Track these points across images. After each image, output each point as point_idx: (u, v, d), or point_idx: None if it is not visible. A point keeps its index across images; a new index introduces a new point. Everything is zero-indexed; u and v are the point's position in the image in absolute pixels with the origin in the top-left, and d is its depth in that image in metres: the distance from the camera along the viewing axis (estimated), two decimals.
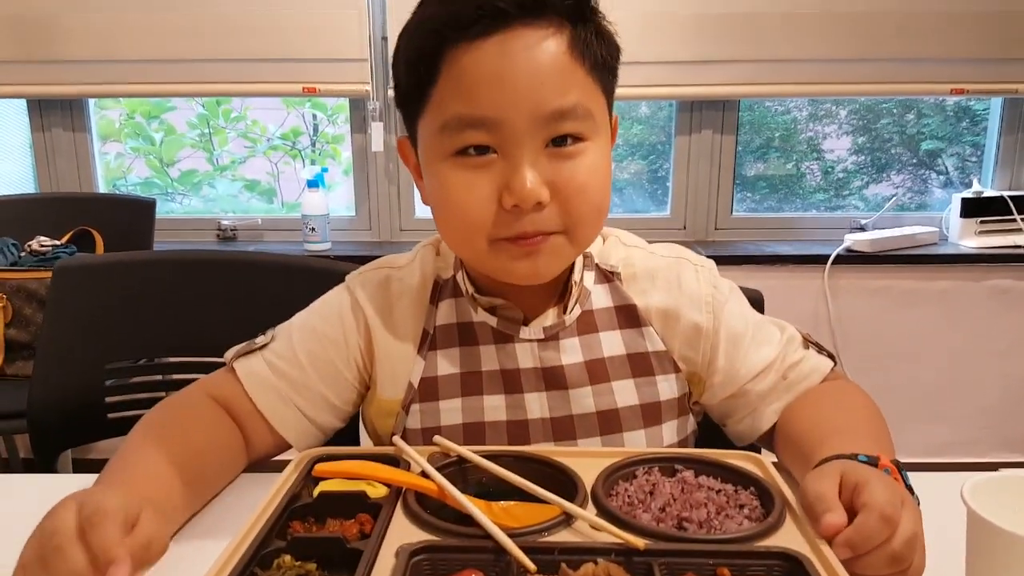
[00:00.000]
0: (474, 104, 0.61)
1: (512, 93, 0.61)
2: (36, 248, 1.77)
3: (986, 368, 2.10)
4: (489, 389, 0.72)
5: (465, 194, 0.63)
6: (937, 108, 2.25)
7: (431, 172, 0.66)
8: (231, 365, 0.76)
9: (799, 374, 0.75)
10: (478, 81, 0.61)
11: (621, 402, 0.73)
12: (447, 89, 0.62)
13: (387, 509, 0.54)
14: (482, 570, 0.47)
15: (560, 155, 0.63)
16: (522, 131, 0.61)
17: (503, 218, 0.63)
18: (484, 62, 0.61)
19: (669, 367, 0.75)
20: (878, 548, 0.48)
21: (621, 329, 0.74)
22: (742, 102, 2.12)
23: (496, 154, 0.63)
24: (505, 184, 0.62)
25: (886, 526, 0.48)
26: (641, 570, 0.47)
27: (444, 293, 0.75)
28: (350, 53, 1.93)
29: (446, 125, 0.63)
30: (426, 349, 0.73)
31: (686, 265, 0.77)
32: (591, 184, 0.65)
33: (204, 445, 0.69)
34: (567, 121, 0.62)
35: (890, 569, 0.49)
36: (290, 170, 2.32)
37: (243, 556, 0.48)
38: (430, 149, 0.66)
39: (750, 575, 0.47)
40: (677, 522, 0.54)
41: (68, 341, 1.10)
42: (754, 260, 2.00)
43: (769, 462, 0.62)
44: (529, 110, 0.61)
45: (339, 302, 0.77)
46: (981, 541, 0.45)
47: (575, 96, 0.62)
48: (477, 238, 0.65)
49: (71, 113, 2.10)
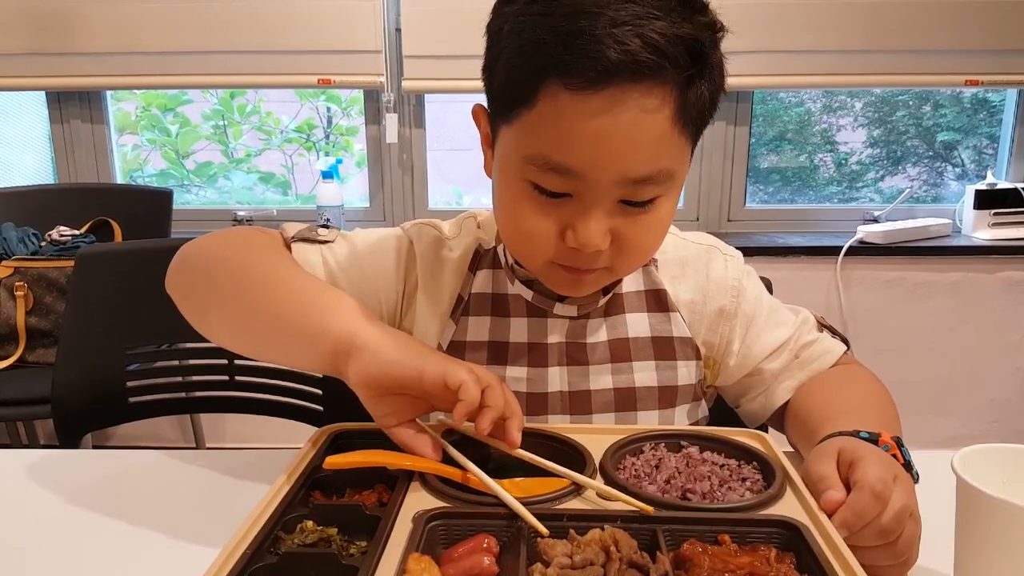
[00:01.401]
0: (564, 155, 0.59)
1: (605, 156, 0.59)
2: (56, 238, 1.80)
3: (998, 361, 2.09)
4: (514, 360, 0.74)
5: (533, 223, 0.63)
6: (954, 100, 2.24)
7: (504, 179, 0.66)
8: (288, 241, 0.76)
9: (812, 354, 0.77)
10: (574, 136, 0.58)
11: (640, 382, 0.75)
12: (541, 124, 0.60)
13: (404, 479, 0.56)
14: (495, 535, 0.49)
15: (630, 212, 0.63)
16: (603, 188, 0.60)
17: (563, 250, 0.64)
18: (586, 119, 0.57)
19: (691, 353, 0.77)
20: (870, 523, 0.50)
21: (649, 312, 0.76)
22: (755, 94, 2.12)
23: (570, 196, 0.62)
24: (571, 225, 0.62)
25: (877, 502, 0.50)
26: (646, 536, 0.49)
27: (483, 263, 0.77)
28: (365, 44, 1.95)
29: (531, 159, 0.61)
30: (459, 314, 0.76)
31: (716, 254, 0.79)
32: (648, 241, 0.66)
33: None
34: (648, 186, 0.61)
35: (879, 541, 0.50)
36: (304, 162, 2.34)
37: (268, 520, 0.50)
38: (508, 162, 0.64)
39: (750, 542, 0.49)
40: (681, 493, 0.55)
41: (90, 327, 1.13)
42: (767, 251, 2.00)
43: (772, 439, 0.63)
44: (617, 173, 0.60)
45: (398, 243, 0.78)
46: (971, 509, 0.46)
47: (664, 162, 0.61)
48: (536, 258, 0.67)
49: (89, 105, 2.14)
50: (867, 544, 0.50)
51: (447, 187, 2.23)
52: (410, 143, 2.10)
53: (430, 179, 2.16)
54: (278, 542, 0.50)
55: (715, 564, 0.46)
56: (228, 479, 0.72)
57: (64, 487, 0.71)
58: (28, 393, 1.56)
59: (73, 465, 0.77)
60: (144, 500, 0.69)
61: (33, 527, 0.64)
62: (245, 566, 0.46)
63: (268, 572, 0.47)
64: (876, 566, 0.51)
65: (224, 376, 1.16)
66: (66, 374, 1.11)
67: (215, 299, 0.68)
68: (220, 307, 0.68)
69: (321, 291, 0.65)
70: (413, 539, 0.48)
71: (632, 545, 0.47)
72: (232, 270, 0.68)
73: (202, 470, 0.74)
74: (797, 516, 0.51)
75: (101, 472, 0.75)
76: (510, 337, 0.75)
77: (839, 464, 0.54)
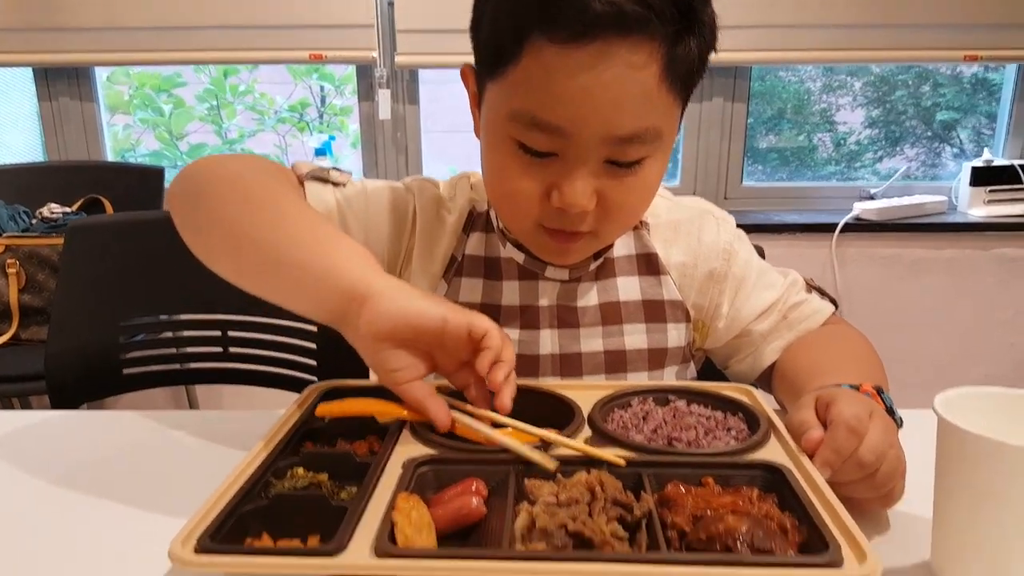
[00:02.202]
0: (549, 111, 0.58)
1: (591, 112, 0.58)
2: (47, 215, 1.79)
3: (992, 336, 2.10)
4: (506, 322, 0.75)
5: (518, 183, 0.63)
6: (953, 79, 2.23)
7: (490, 138, 0.65)
8: (301, 178, 0.73)
9: (800, 315, 0.77)
10: (559, 91, 0.57)
11: (630, 345, 0.75)
12: (526, 79, 0.59)
13: (394, 430, 0.57)
14: (483, 479, 0.50)
15: (616, 172, 0.62)
16: (588, 146, 0.59)
17: (548, 211, 0.63)
18: (571, 74, 0.56)
19: (681, 316, 0.77)
20: (848, 458, 0.50)
21: (640, 276, 0.76)
22: (754, 71, 2.11)
23: (556, 156, 0.61)
24: (557, 185, 0.61)
25: (853, 437, 0.51)
26: (631, 479, 0.49)
27: (476, 225, 0.77)
28: (357, 19, 1.93)
29: (516, 116, 0.60)
30: (451, 275, 0.76)
31: (708, 218, 0.80)
32: (634, 203, 0.66)
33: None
34: (634, 145, 0.60)
35: (859, 475, 0.51)
36: (298, 143, 2.34)
37: (259, 467, 0.51)
38: (494, 120, 0.63)
39: (734, 483, 0.49)
40: (667, 441, 0.56)
41: (82, 299, 1.13)
42: (763, 229, 2.00)
43: (758, 393, 0.64)
44: (602, 131, 0.59)
45: (404, 197, 0.77)
46: (951, 447, 0.46)
47: (651, 120, 0.60)
48: (521, 220, 0.66)
49: (77, 82, 2.12)
50: (847, 478, 0.51)
51: (442, 167, 2.23)
52: (404, 120, 2.09)
53: (425, 159, 2.15)
54: (269, 487, 0.50)
55: (698, 503, 0.46)
56: (222, 437, 0.72)
57: (57, 447, 0.72)
58: (23, 369, 1.56)
59: (66, 425, 0.77)
60: (138, 456, 0.70)
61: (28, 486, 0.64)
62: (235, 508, 0.46)
63: (258, 514, 0.47)
64: (859, 499, 0.52)
65: (218, 347, 1.17)
66: (59, 347, 1.11)
67: (220, 220, 0.63)
68: (224, 230, 0.63)
69: (334, 234, 0.62)
70: (402, 483, 0.49)
71: (617, 486, 0.47)
72: (243, 192, 0.64)
73: (196, 429, 0.74)
74: (780, 460, 0.51)
75: (94, 431, 0.75)
76: (502, 300, 0.75)
77: (817, 410, 0.55)
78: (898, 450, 0.53)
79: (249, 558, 0.42)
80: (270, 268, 0.60)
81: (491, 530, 0.46)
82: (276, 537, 0.46)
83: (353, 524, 0.44)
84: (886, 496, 0.53)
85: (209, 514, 0.45)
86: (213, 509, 0.46)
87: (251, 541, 0.46)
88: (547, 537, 0.43)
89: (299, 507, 0.47)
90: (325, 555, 0.42)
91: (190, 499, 0.47)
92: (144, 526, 0.57)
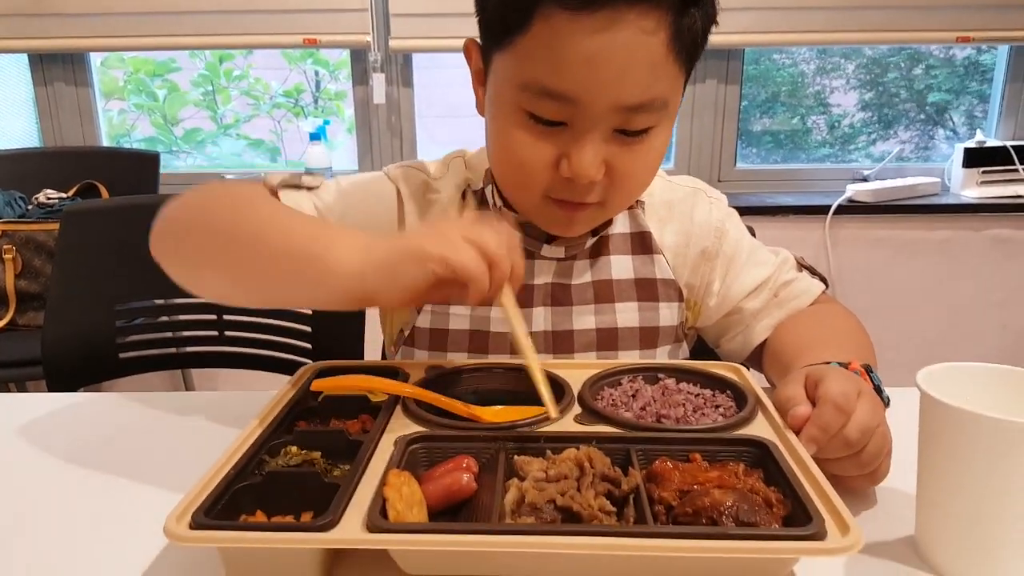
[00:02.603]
0: (559, 79, 0.59)
1: (600, 80, 0.58)
2: (43, 201, 1.79)
3: (985, 317, 2.11)
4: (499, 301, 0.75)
5: (528, 153, 0.63)
6: (946, 62, 2.23)
7: (498, 109, 0.65)
8: (274, 189, 0.72)
9: (790, 293, 0.78)
10: (569, 58, 0.58)
11: (622, 323, 0.76)
12: (535, 47, 0.59)
13: (387, 409, 0.57)
14: (474, 456, 0.51)
15: (624, 141, 0.63)
16: (597, 115, 0.60)
17: (557, 181, 0.64)
18: (580, 40, 0.57)
19: (674, 295, 0.78)
20: (835, 436, 0.51)
21: (633, 255, 0.77)
22: (749, 54, 2.11)
23: (565, 125, 0.62)
24: (566, 154, 0.62)
25: (840, 414, 0.51)
26: (620, 456, 0.50)
27: (470, 203, 0.77)
28: (350, 3, 1.92)
29: (526, 86, 0.61)
30: None
31: (701, 196, 0.81)
32: (642, 173, 0.67)
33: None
34: (642, 114, 0.61)
35: (845, 452, 0.52)
36: (293, 128, 2.33)
37: (253, 444, 0.51)
38: (502, 92, 0.64)
39: (720, 459, 0.50)
40: (656, 419, 0.57)
41: (78, 284, 1.13)
42: (756, 211, 2.01)
43: (747, 372, 0.64)
44: (612, 99, 0.59)
45: (382, 188, 0.77)
46: (934, 422, 0.47)
47: (659, 90, 0.61)
48: (530, 192, 0.67)
49: (72, 68, 2.11)
50: (833, 455, 0.52)
51: (437, 151, 2.21)
52: (398, 105, 2.09)
53: (420, 143, 2.15)
54: (263, 464, 0.51)
55: (685, 478, 0.47)
56: (217, 418, 0.73)
57: (56, 429, 0.72)
58: (19, 355, 1.57)
59: (64, 408, 0.78)
60: (134, 437, 0.70)
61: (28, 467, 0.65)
62: (229, 484, 0.47)
63: (252, 491, 0.48)
64: (845, 476, 0.53)
65: (214, 331, 1.17)
66: (56, 332, 1.11)
67: (208, 254, 0.63)
68: (215, 261, 0.62)
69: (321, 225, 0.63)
70: (394, 460, 0.50)
71: (605, 462, 0.48)
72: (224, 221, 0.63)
73: (191, 410, 0.75)
74: (767, 435, 0.52)
75: (91, 413, 0.76)
76: None
77: (806, 386, 0.56)
78: (885, 429, 0.54)
79: (243, 534, 0.43)
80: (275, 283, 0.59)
81: (481, 506, 0.47)
82: (270, 514, 0.47)
83: (345, 500, 0.45)
84: (872, 474, 0.54)
85: (204, 491, 0.46)
86: (208, 486, 0.47)
87: (245, 518, 0.47)
88: (536, 512, 0.44)
89: (293, 484, 0.48)
90: (318, 530, 0.43)
91: (185, 478, 0.48)
92: (141, 504, 0.58)
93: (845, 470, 0.53)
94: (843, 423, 0.51)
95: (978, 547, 0.46)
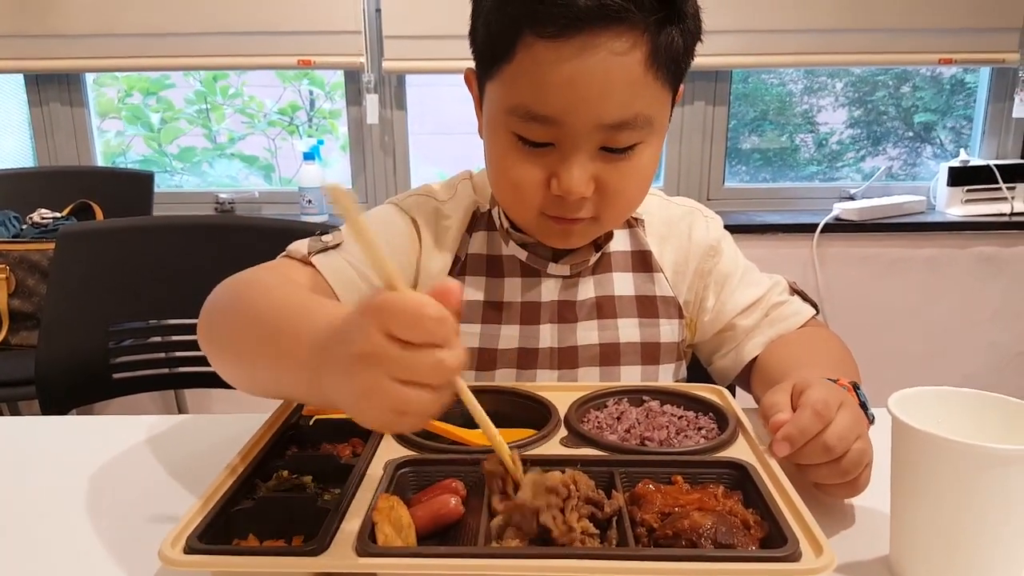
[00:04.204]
0: (542, 103, 0.63)
1: (580, 101, 0.62)
2: (38, 220, 1.80)
3: (971, 334, 2.14)
4: (507, 319, 0.78)
5: (520, 173, 0.67)
6: (932, 81, 2.27)
7: (492, 133, 0.69)
8: (307, 259, 0.73)
9: (781, 314, 0.81)
10: (550, 81, 0.61)
11: (623, 338, 0.79)
12: (520, 74, 0.63)
13: (376, 433, 0.59)
14: (462, 480, 0.52)
15: (610, 158, 0.66)
16: (582, 134, 0.64)
17: (549, 199, 0.67)
18: (560, 65, 0.61)
19: (674, 312, 0.81)
20: (813, 440, 0.53)
21: (634, 272, 0.80)
22: (736, 74, 2.15)
23: (553, 146, 0.65)
24: (555, 173, 0.66)
25: (818, 420, 0.53)
26: (604, 478, 0.51)
27: (479, 224, 0.80)
28: (345, 25, 1.95)
29: (513, 110, 0.64)
30: (456, 273, 0.79)
31: (698, 216, 0.84)
32: (631, 188, 0.69)
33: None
34: (625, 131, 0.64)
35: (823, 458, 0.53)
36: (287, 146, 2.35)
37: (245, 469, 0.53)
38: (494, 117, 0.68)
39: (701, 481, 0.52)
40: (640, 441, 0.58)
41: (72, 305, 1.14)
42: (744, 229, 2.03)
43: (728, 394, 0.66)
44: (593, 118, 0.63)
45: (399, 221, 0.79)
46: (905, 445, 0.49)
47: (639, 107, 0.63)
48: (526, 209, 0.70)
49: (68, 88, 2.13)
50: (812, 461, 0.53)
51: (430, 169, 2.24)
52: (391, 125, 2.11)
53: (413, 162, 2.17)
54: (255, 489, 0.52)
55: (666, 500, 0.49)
56: (210, 441, 0.74)
57: (49, 451, 0.73)
58: (12, 375, 1.57)
59: (58, 430, 0.79)
60: (129, 460, 0.71)
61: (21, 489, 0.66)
62: (222, 510, 0.48)
63: (245, 515, 0.49)
64: (826, 485, 0.55)
65: None
66: (49, 352, 1.12)
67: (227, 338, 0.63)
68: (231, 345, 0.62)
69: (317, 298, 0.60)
70: (383, 484, 0.51)
71: (590, 485, 0.50)
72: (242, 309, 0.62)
73: (185, 433, 0.76)
74: (746, 458, 0.54)
75: (84, 436, 0.77)
76: (504, 296, 0.78)
77: (792, 395, 0.57)
78: (865, 442, 0.55)
79: (236, 558, 0.44)
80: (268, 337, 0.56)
81: (468, 528, 0.48)
82: (262, 538, 0.48)
83: (335, 524, 0.46)
84: (852, 484, 0.55)
85: (197, 516, 0.47)
86: (201, 511, 0.48)
87: (238, 542, 0.48)
88: (521, 535, 0.46)
89: (284, 509, 0.49)
90: (308, 554, 0.44)
91: (179, 501, 0.49)
92: (134, 528, 0.58)
93: (825, 477, 0.54)
94: (820, 429, 0.53)
95: (951, 568, 0.48)
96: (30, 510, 0.62)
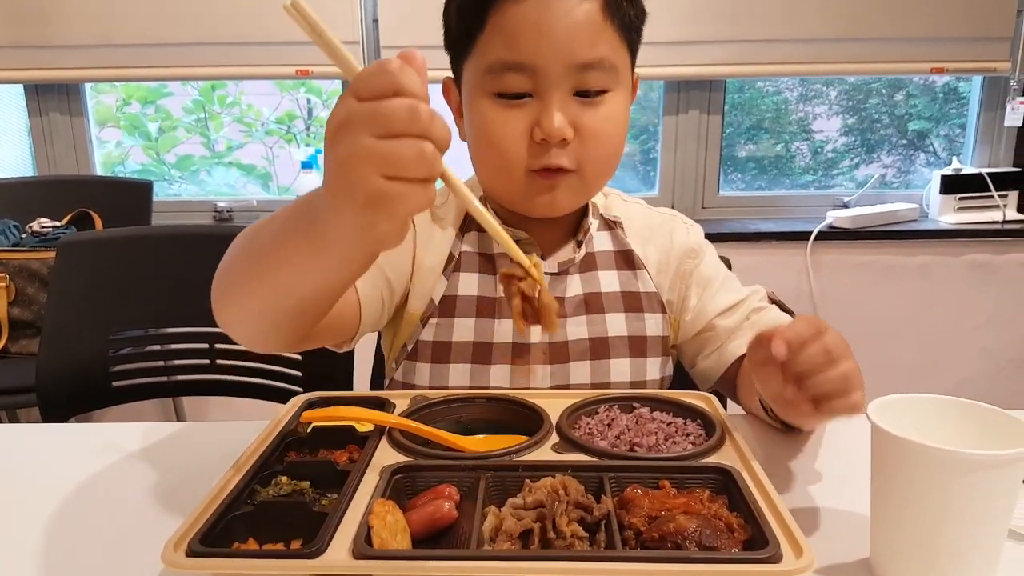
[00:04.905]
0: (515, 51, 0.71)
1: (549, 43, 0.70)
2: (37, 229, 1.82)
3: (964, 341, 2.15)
4: (501, 314, 0.80)
5: (503, 128, 0.73)
6: (926, 89, 2.30)
7: (473, 108, 0.75)
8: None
9: (761, 319, 0.83)
10: (520, 30, 0.70)
11: (611, 331, 0.81)
12: (492, 36, 0.72)
13: (373, 439, 0.60)
14: (456, 485, 0.53)
15: (585, 102, 0.73)
16: (555, 77, 0.71)
17: (533, 150, 0.73)
18: (527, 14, 0.70)
19: (657, 307, 0.84)
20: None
21: (618, 270, 0.84)
22: (732, 83, 2.17)
23: (531, 97, 0.72)
24: (537, 121, 0.72)
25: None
26: (594, 483, 0.53)
27: (471, 225, 0.83)
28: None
29: (490, 68, 0.72)
30: (450, 271, 0.81)
31: (678, 222, 0.89)
32: (608, 130, 0.75)
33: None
34: (594, 72, 0.72)
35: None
36: (285, 155, 2.36)
37: (244, 475, 0.54)
38: (474, 88, 0.74)
39: (688, 486, 0.53)
40: (629, 447, 0.60)
41: (72, 313, 1.15)
42: (739, 237, 2.05)
43: (716, 401, 0.68)
44: (563, 59, 0.70)
45: None
46: (883, 451, 0.50)
47: (603, 51, 0.72)
48: (513, 168, 0.74)
49: (67, 98, 2.14)
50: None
51: None
52: None
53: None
54: (254, 494, 0.54)
55: (654, 504, 0.50)
56: (209, 448, 0.75)
57: (51, 458, 0.75)
58: (12, 382, 1.58)
59: (55, 438, 0.80)
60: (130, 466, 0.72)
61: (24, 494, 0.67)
62: (223, 514, 0.50)
63: (244, 520, 0.51)
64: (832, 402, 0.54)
65: (206, 360, 1.20)
66: (49, 360, 1.14)
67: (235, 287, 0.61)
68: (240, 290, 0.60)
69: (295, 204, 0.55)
70: (379, 489, 0.52)
71: (580, 490, 0.51)
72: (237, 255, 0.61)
73: (185, 440, 0.78)
74: (731, 463, 0.55)
75: (84, 443, 0.78)
76: (497, 292, 0.80)
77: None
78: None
79: (236, 560, 0.46)
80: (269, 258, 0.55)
81: (462, 532, 0.50)
82: (261, 541, 0.50)
83: (332, 528, 0.48)
84: (853, 404, 0.54)
85: (199, 520, 0.49)
86: (202, 515, 0.49)
87: (238, 545, 0.49)
88: (512, 538, 0.47)
89: (283, 513, 0.51)
90: (306, 557, 0.45)
91: (178, 507, 0.51)
92: (137, 532, 0.60)
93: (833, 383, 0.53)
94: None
95: (930, 569, 0.49)
96: (31, 517, 0.63)
